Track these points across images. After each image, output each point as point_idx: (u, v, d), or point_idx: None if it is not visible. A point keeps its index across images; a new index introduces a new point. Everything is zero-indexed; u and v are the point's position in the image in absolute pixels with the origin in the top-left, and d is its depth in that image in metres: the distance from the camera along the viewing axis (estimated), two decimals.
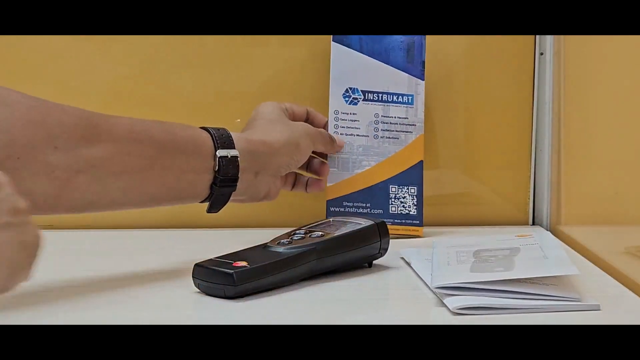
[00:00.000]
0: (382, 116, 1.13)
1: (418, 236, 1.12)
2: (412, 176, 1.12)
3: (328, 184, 1.13)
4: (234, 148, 0.96)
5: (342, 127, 1.13)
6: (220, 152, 0.95)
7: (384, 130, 1.13)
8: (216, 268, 0.86)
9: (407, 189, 1.13)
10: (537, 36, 1.18)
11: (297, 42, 1.18)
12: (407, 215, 1.13)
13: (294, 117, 1.10)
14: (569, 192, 1.15)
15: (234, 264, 0.86)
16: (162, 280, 0.92)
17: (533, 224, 1.21)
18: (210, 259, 0.88)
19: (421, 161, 1.13)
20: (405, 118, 1.13)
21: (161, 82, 1.18)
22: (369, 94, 1.13)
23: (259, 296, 0.86)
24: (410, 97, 1.12)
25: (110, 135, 0.88)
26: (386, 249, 0.96)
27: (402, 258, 0.99)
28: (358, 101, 1.13)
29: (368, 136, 1.13)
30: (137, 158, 0.90)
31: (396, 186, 1.13)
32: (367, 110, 1.13)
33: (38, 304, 0.85)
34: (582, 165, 1.12)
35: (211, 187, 0.96)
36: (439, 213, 1.20)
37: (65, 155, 0.85)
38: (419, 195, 1.13)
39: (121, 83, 1.18)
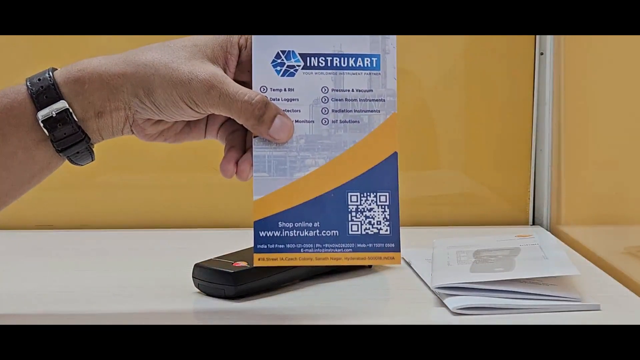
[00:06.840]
0: (333, 90, 0.78)
1: (394, 264, 0.79)
2: (383, 177, 0.78)
3: (255, 197, 0.77)
4: (59, 99, 0.76)
5: None
6: (42, 113, 0.76)
7: (336, 111, 0.78)
8: (216, 268, 0.86)
9: (375, 196, 0.78)
10: (537, 36, 1.19)
11: None
12: (376, 237, 0.78)
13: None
14: (569, 192, 1.15)
15: (234, 264, 0.86)
16: (162, 280, 0.92)
17: (533, 224, 1.21)
18: (210, 259, 0.88)
19: (395, 153, 0.78)
20: (368, 91, 0.78)
21: None
22: (312, 59, 0.78)
23: (259, 296, 0.86)
24: (375, 59, 0.79)
25: None
26: None
27: (403, 258, 0.99)
28: (296, 70, 0.78)
29: (313, 122, 0.78)
30: None
31: (358, 194, 0.78)
32: (310, 83, 0.78)
33: (37, 304, 0.85)
34: (582, 165, 1.12)
35: (59, 153, 0.78)
36: (439, 213, 1.20)
37: None
38: (394, 205, 0.78)
39: None
